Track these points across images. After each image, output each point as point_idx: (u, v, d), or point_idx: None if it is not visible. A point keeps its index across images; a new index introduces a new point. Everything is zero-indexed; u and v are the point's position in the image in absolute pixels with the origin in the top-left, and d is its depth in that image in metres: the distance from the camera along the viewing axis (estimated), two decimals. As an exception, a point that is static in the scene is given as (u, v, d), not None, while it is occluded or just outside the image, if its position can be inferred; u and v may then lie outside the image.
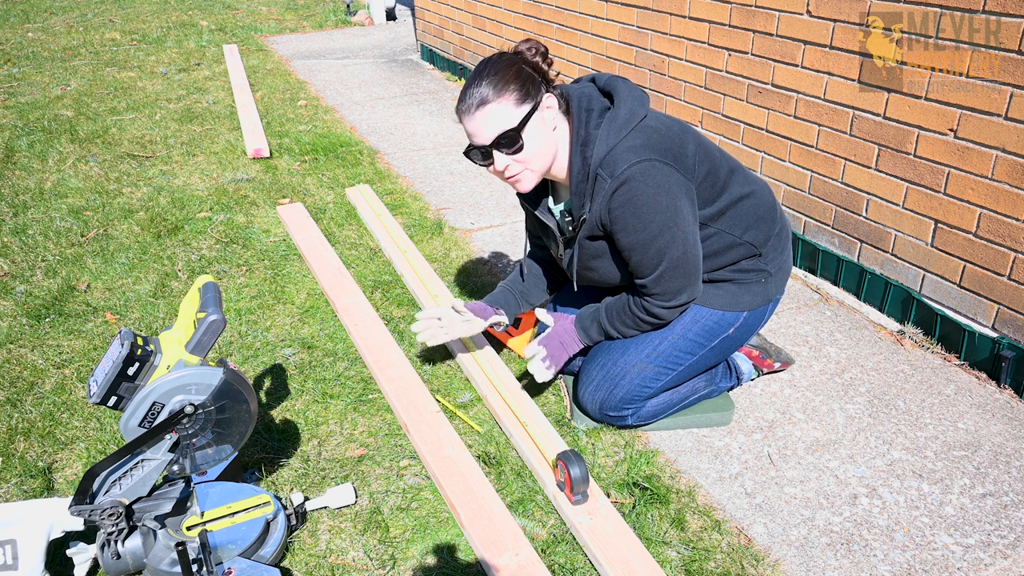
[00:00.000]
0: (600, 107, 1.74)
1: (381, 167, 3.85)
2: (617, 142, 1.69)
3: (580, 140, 1.72)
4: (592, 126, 1.71)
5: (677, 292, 1.79)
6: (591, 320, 1.95)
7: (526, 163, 1.73)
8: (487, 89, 1.67)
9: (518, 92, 1.68)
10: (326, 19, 7.53)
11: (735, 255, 1.87)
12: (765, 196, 1.90)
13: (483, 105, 1.67)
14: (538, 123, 1.71)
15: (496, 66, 1.70)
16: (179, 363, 1.41)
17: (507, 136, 1.68)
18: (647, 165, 1.67)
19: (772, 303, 1.96)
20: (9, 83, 5.37)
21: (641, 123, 1.72)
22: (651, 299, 1.82)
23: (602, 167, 1.70)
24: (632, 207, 1.68)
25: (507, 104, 1.67)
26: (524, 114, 1.68)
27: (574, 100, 1.75)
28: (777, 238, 1.92)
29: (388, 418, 2.07)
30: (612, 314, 1.91)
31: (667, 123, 1.77)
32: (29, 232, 3.15)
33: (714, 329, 1.90)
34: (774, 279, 1.93)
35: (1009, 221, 2.11)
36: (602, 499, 1.73)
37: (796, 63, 2.63)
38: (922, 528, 1.72)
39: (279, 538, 1.59)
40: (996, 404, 2.11)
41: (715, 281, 1.90)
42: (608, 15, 3.61)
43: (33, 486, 1.83)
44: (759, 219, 1.87)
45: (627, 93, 1.75)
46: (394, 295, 2.68)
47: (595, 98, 1.76)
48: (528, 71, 1.71)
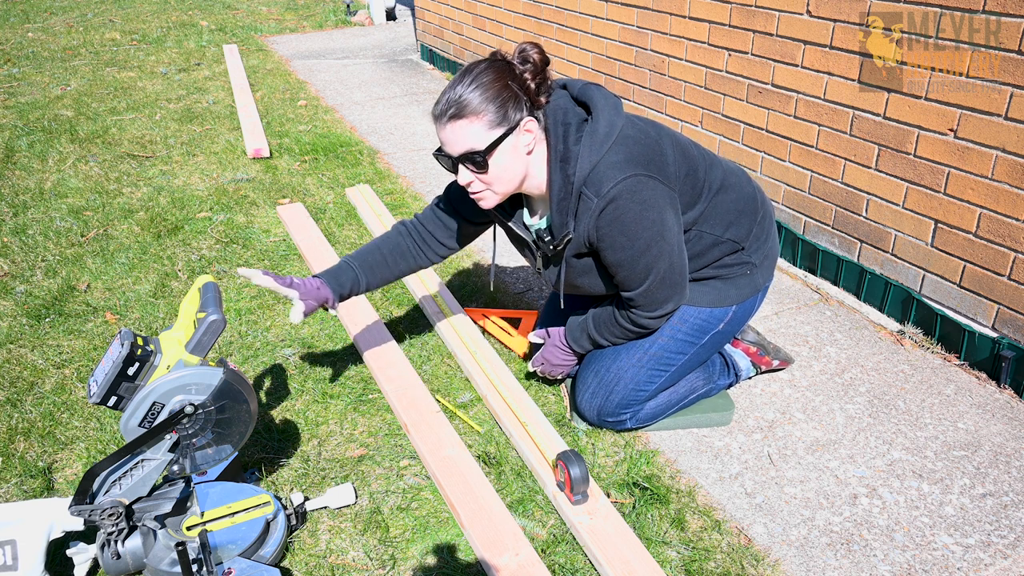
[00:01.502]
0: (577, 120, 1.67)
1: (381, 167, 3.85)
2: (600, 158, 1.63)
3: (559, 156, 1.65)
4: (572, 142, 1.64)
5: (663, 303, 1.80)
6: (580, 331, 1.97)
7: (489, 184, 1.68)
8: (463, 103, 1.59)
9: (494, 114, 1.59)
10: (326, 19, 7.53)
11: (718, 252, 1.87)
12: (743, 188, 1.88)
13: (455, 119, 1.60)
14: (509, 147, 1.63)
15: (480, 78, 1.60)
16: (179, 363, 1.41)
17: (473, 157, 1.62)
18: (632, 181, 1.62)
19: (761, 292, 1.96)
20: (9, 83, 5.37)
21: (620, 135, 1.66)
22: (637, 311, 1.81)
23: (586, 186, 1.64)
24: (620, 225, 1.65)
25: (479, 125, 1.59)
26: (495, 137, 1.61)
27: (549, 114, 1.67)
28: (760, 227, 1.91)
29: (388, 418, 2.07)
30: (599, 324, 1.92)
31: (643, 129, 1.72)
32: (29, 232, 3.15)
33: (703, 327, 1.90)
34: (760, 269, 1.93)
35: (1009, 221, 2.11)
36: (602, 499, 1.73)
37: (796, 63, 2.63)
38: (922, 528, 1.72)
39: (279, 538, 1.59)
40: (996, 404, 2.11)
41: (701, 279, 1.90)
42: (608, 15, 3.61)
43: (33, 486, 1.83)
44: (740, 214, 1.86)
45: (603, 103, 1.68)
46: (394, 295, 2.68)
47: (571, 111, 1.68)
48: (513, 90, 1.61)
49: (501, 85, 1.60)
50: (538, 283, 2.79)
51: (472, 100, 1.59)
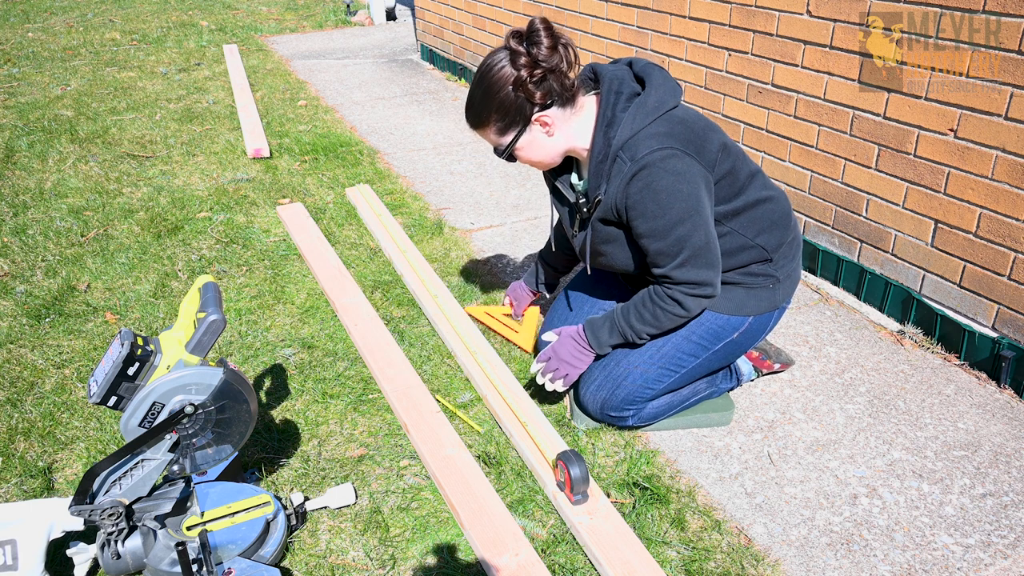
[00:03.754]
0: (630, 91, 1.73)
1: (381, 167, 3.85)
2: (642, 127, 1.68)
3: (606, 121, 1.71)
4: (619, 108, 1.71)
5: (701, 283, 1.75)
6: (603, 321, 1.90)
7: (530, 162, 1.82)
8: (473, 114, 1.76)
9: (499, 123, 1.73)
10: (326, 19, 7.53)
11: (746, 257, 1.86)
12: (782, 203, 1.90)
13: (473, 128, 1.79)
14: (527, 141, 1.76)
15: (482, 84, 1.70)
16: (179, 363, 1.41)
17: (500, 153, 1.79)
18: (668, 152, 1.66)
19: (778, 311, 1.96)
20: (9, 83, 5.37)
21: (669, 113, 1.71)
22: (677, 287, 1.77)
23: (623, 150, 1.69)
24: (651, 192, 1.67)
25: (492, 131, 1.76)
26: (509, 140, 1.75)
27: (605, 80, 1.75)
28: (789, 246, 1.92)
29: (388, 418, 2.07)
30: (628, 311, 1.86)
31: (695, 117, 1.76)
32: (29, 232, 3.15)
33: (719, 332, 1.89)
34: (782, 286, 1.92)
35: (1009, 221, 2.11)
36: (602, 499, 1.73)
37: (796, 63, 2.63)
38: (922, 528, 1.72)
39: (279, 538, 1.59)
40: (996, 404, 2.11)
41: (724, 284, 1.89)
42: (608, 15, 3.61)
43: (33, 486, 1.83)
44: (773, 224, 1.86)
45: (660, 81, 1.74)
46: (394, 295, 2.68)
47: (626, 81, 1.75)
48: (514, 97, 1.68)
49: (501, 97, 1.69)
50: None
51: (480, 112, 1.74)
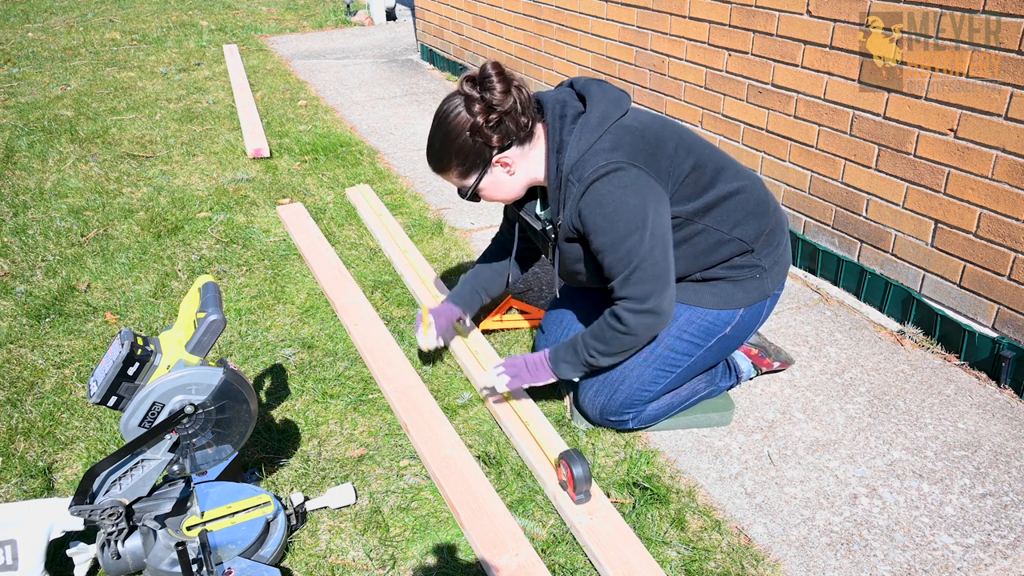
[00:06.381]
0: (573, 112, 1.74)
1: (381, 167, 3.85)
2: (589, 146, 1.69)
3: (555, 147, 1.74)
4: (566, 132, 1.72)
5: (646, 296, 1.71)
6: (566, 347, 1.88)
7: (493, 200, 1.87)
8: (434, 161, 1.79)
9: (460, 168, 1.76)
10: (326, 19, 7.53)
11: (726, 252, 1.86)
12: (755, 191, 1.88)
13: (436, 172, 1.82)
14: (490, 181, 1.80)
15: (440, 136, 1.73)
16: (179, 363, 1.41)
17: (464, 194, 1.82)
18: (613, 166, 1.67)
19: (770, 299, 1.95)
20: (9, 83, 5.37)
21: (615, 124, 1.71)
22: (620, 304, 1.75)
23: (571, 172, 1.71)
24: (599, 207, 1.68)
25: (453, 176, 1.79)
26: (472, 182, 1.78)
27: (548, 107, 1.76)
28: (771, 234, 1.90)
29: (388, 418, 2.07)
30: (587, 335, 1.84)
31: (646, 122, 1.76)
32: (29, 232, 3.15)
33: (710, 329, 1.89)
34: (769, 274, 1.91)
35: (1009, 221, 2.11)
36: (602, 499, 1.73)
37: (796, 63, 2.63)
38: (922, 528, 1.72)
39: (279, 538, 1.59)
40: (996, 404, 2.11)
41: (708, 280, 1.89)
42: (608, 15, 3.61)
43: (33, 486, 1.83)
44: (749, 215, 1.85)
45: (600, 96, 1.74)
46: (394, 295, 2.68)
47: (568, 103, 1.75)
48: (472, 143, 1.71)
49: (459, 144, 1.72)
50: (538, 283, 2.79)
51: (440, 158, 1.77)
